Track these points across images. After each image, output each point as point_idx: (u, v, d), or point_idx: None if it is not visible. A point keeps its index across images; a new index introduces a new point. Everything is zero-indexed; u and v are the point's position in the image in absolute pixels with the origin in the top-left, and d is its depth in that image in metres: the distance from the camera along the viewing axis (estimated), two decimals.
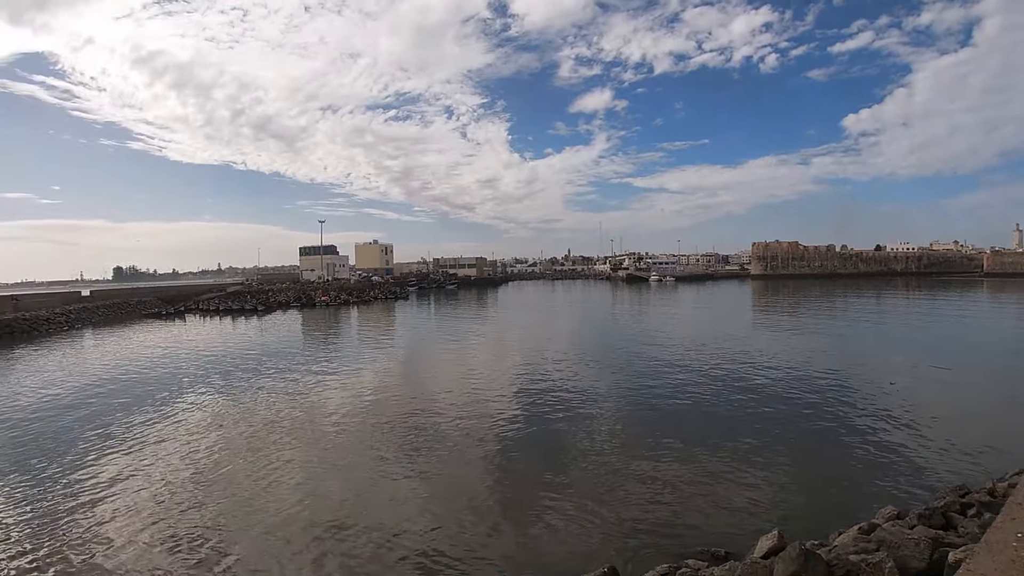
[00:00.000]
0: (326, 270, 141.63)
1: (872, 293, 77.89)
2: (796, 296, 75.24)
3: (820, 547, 8.61)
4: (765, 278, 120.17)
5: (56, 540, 13.63)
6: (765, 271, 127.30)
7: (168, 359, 42.27)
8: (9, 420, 25.36)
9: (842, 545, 8.61)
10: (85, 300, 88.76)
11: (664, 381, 27.08)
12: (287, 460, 18.67)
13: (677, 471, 15.79)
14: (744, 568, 8.05)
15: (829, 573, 7.34)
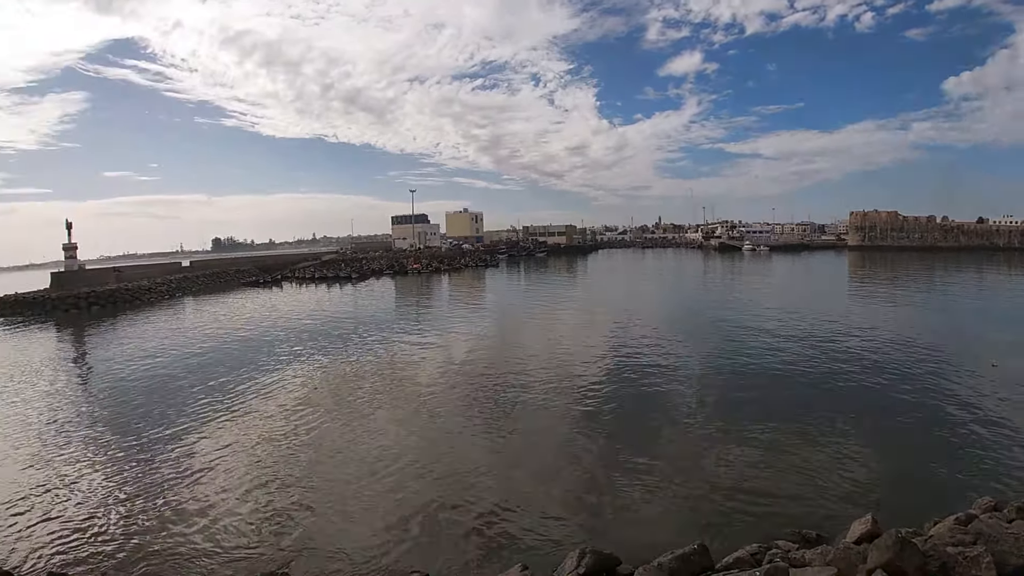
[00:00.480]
0: (418, 238, 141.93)
1: (973, 268, 72.34)
2: (895, 269, 71.03)
3: (915, 536, 8.12)
4: (862, 249, 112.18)
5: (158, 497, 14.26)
6: (862, 242, 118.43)
7: (266, 325, 43.27)
8: (113, 384, 26.56)
9: (938, 535, 8.20)
10: (185, 270, 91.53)
11: (757, 353, 26.10)
12: (377, 422, 19.12)
13: (767, 446, 15.21)
14: (837, 553, 7.68)
15: (924, 564, 7.01)
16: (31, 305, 59.09)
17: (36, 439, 18.90)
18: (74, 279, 66.67)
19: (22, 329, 48.69)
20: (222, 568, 11.11)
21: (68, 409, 22.50)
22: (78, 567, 11.21)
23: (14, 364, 32.35)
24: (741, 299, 47.39)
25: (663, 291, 59.54)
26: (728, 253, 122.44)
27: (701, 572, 8.44)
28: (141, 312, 57.38)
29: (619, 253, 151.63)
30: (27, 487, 15.01)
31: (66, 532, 12.63)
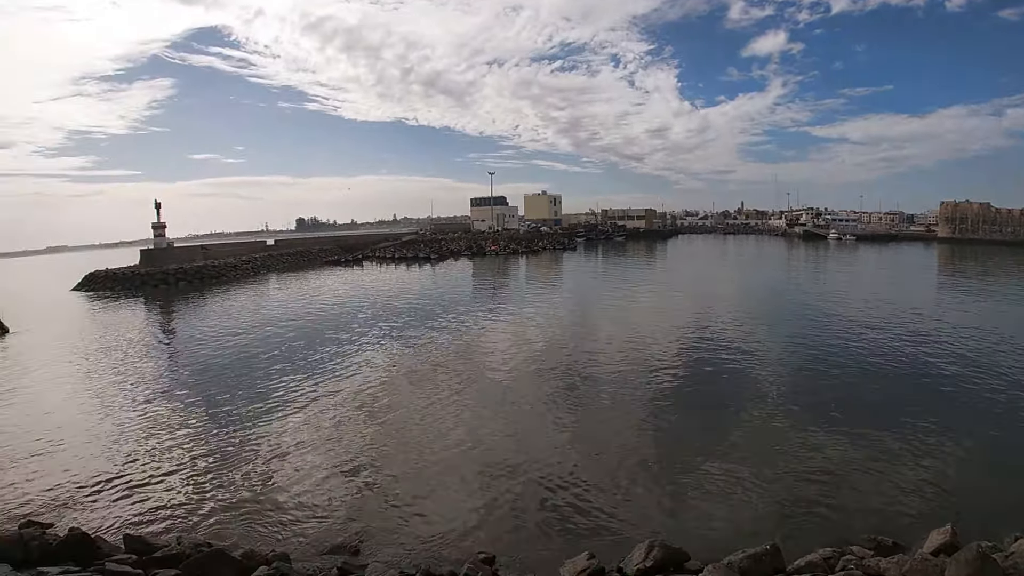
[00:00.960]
0: (496, 220, 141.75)
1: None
2: (987, 264, 65.66)
3: (995, 551, 7.73)
4: (952, 242, 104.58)
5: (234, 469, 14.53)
6: (953, 234, 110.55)
7: (347, 303, 44.07)
8: (198, 358, 27.42)
9: (1020, 553, 7.70)
10: (270, 249, 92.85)
11: (842, 346, 24.95)
12: (452, 402, 19.19)
13: (844, 446, 14.49)
14: (914, 564, 7.40)
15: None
16: (122, 280, 60.97)
17: (124, 409, 19.53)
18: (163, 256, 68.42)
19: (113, 303, 50.67)
20: (294, 538, 11.31)
21: (155, 381, 23.22)
22: (154, 527, 11.61)
23: (105, 337, 33.48)
24: (827, 289, 45.59)
25: (745, 279, 57.95)
26: (812, 241, 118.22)
27: (773, 574, 8.15)
28: (227, 288, 59.25)
29: (699, 239, 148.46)
30: (113, 455, 15.54)
31: (144, 498, 13.04)
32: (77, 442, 16.52)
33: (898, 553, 8.65)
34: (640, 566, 8.66)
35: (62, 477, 14.10)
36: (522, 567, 9.98)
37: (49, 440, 16.68)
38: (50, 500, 12.92)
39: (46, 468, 14.67)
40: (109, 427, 17.85)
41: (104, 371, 25.19)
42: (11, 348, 31.02)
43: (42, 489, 13.46)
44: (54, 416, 18.89)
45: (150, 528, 11.58)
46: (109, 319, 41.66)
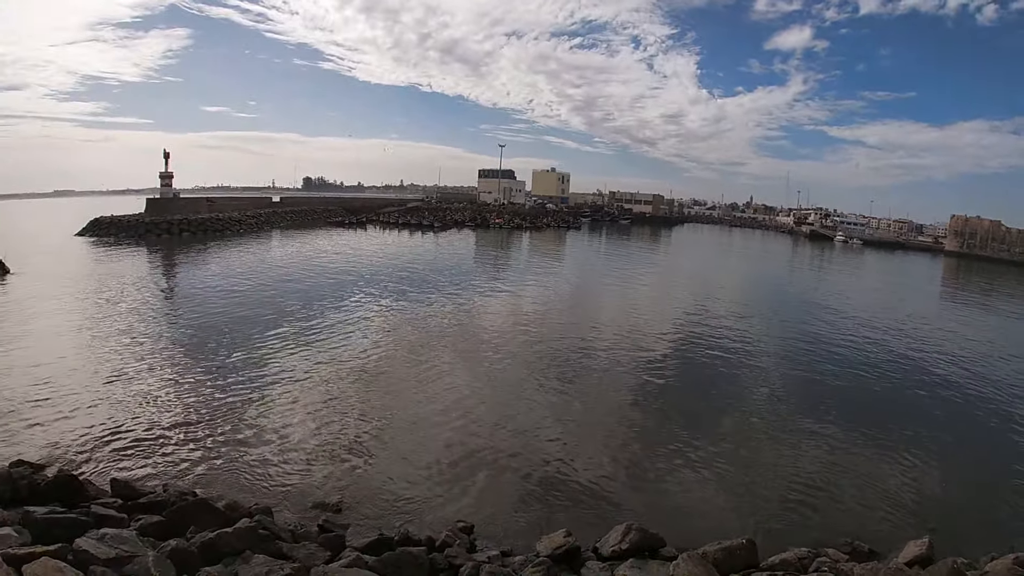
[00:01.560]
0: (503, 193, 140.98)
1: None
2: (993, 281, 65.30)
3: (970, 568, 7.83)
4: (960, 256, 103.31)
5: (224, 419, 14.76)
6: (960, 248, 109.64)
7: (347, 264, 44.46)
8: (196, 307, 27.72)
9: (993, 572, 7.75)
10: (275, 205, 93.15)
11: (838, 350, 25.08)
12: (443, 370, 19.46)
13: (830, 448, 14.64)
14: (886, 572, 7.39)
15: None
16: (126, 228, 61.04)
17: (119, 358, 19.59)
18: (168, 206, 68.43)
19: (116, 250, 50.52)
20: (277, 490, 11.54)
21: (151, 331, 23.30)
22: (141, 474, 11.76)
23: (105, 283, 33.50)
24: (827, 295, 45.18)
25: (748, 273, 57.95)
26: (819, 242, 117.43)
27: (745, 568, 8.10)
28: (230, 241, 59.52)
29: (705, 229, 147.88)
30: (104, 402, 15.64)
31: (133, 442, 13.22)
32: (70, 387, 16.57)
33: (873, 560, 8.71)
34: (616, 548, 8.71)
35: (54, 421, 14.22)
36: (500, 538, 10.12)
37: (43, 384, 16.71)
38: (41, 442, 13.03)
39: (38, 412, 14.75)
40: (103, 374, 17.92)
41: (101, 318, 25.20)
42: (11, 289, 30.87)
43: (33, 431, 13.58)
44: (49, 360, 18.93)
45: (137, 474, 11.69)
46: (111, 266, 41.62)
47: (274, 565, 7.03)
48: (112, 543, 7.03)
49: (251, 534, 8.00)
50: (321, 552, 8.35)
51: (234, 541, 7.75)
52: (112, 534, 7.30)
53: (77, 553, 6.62)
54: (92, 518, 8.09)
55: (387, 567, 7.73)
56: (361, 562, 7.80)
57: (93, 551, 6.70)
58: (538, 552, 8.99)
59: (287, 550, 8.12)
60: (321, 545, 8.63)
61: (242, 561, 7.26)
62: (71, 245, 52.65)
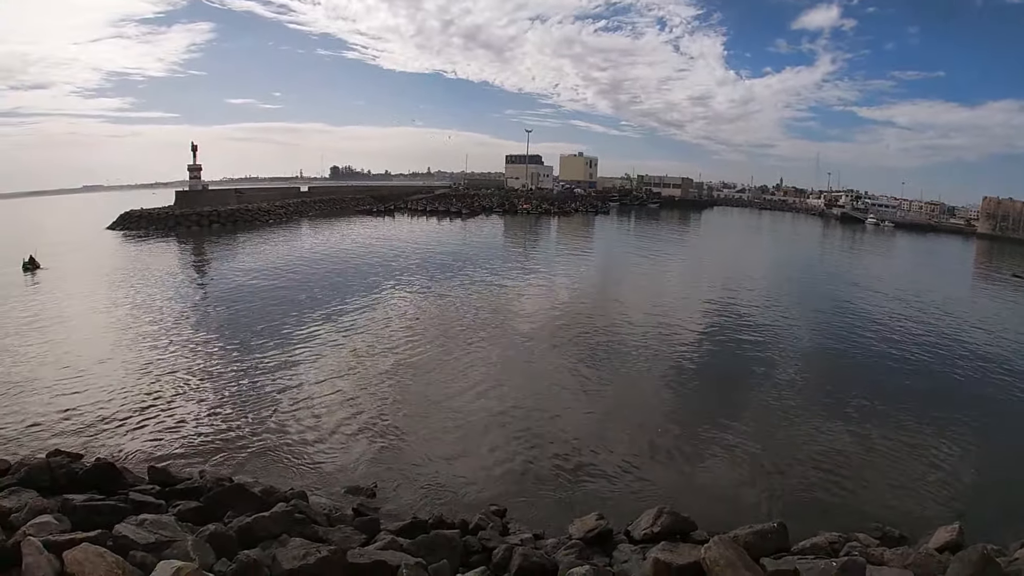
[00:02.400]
0: (530, 179, 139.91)
1: None
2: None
3: (1000, 555, 7.61)
4: (992, 239, 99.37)
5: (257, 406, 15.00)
6: (993, 231, 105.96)
7: (377, 252, 44.63)
8: (227, 297, 28.07)
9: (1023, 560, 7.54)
10: (303, 195, 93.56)
11: (869, 334, 24.53)
12: (475, 356, 19.53)
13: (864, 433, 14.39)
14: (917, 557, 7.39)
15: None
16: (156, 220, 61.92)
17: (153, 347, 20.03)
18: (197, 198, 69.22)
19: (147, 242, 51.51)
20: (312, 475, 11.74)
21: (184, 320, 23.74)
22: (178, 461, 11.97)
23: (137, 275, 34.16)
24: (861, 275, 44.54)
25: (778, 256, 57.11)
26: (850, 224, 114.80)
27: (776, 551, 8.00)
28: (259, 232, 60.02)
29: (735, 212, 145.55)
30: (140, 390, 15.97)
31: (169, 430, 13.50)
32: (105, 377, 16.94)
33: (903, 546, 8.64)
34: (647, 531, 8.71)
35: (89, 410, 14.49)
36: (532, 521, 10.19)
37: (78, 374, 17.10)
38: (77, 431, 13.33)
39: (74, 401, 15.05)
40: (137, 364, 18.25)
41: (134, 309, 25.66)
42: (43, 285, 31.41)
43: (70, 421, 13.89)
44: (83, 352, 19.32)
45: (173, 461, 11.89)
46: (142, 258, 42.34)
47: (311, 548, 7.04)
48: (151, 528, 7.15)
49: (287, 518, 8.11)
50: (356, 535, 8.45)
51: (271, 525, 7.85)
52: (151, 520, 7.43)
53: (117, 538, 6.71)
54: (130, 504, 8.25)
55: (421, 549, 7.77)
56: (396, 545, 7.86)
57: (132, 536, 6.81)
58: (570, 535, 9.03)
59: (323, 533, 8.23)
60: (356, 528, 8.75)
61: (279, 544, 7.33)
62: (102, 239, 53.67)
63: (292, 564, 6.68)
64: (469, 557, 8.25)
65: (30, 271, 34.94)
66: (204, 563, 6.40)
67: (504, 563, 7.72)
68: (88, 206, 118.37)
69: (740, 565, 6.75)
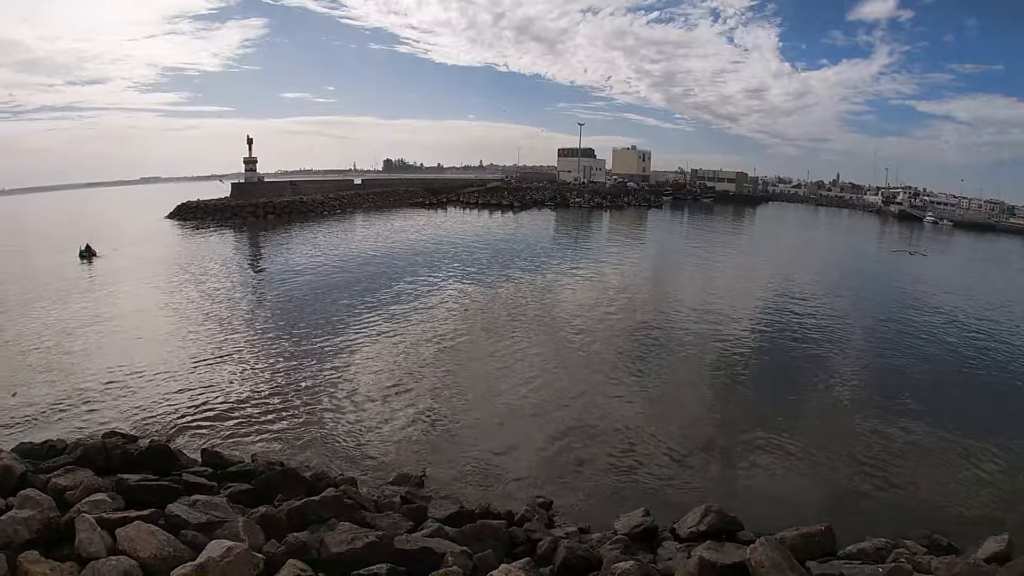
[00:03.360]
0: (582, 172, 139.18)
1: None
2: None
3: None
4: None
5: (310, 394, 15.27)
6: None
7: (429, 243, 45.07)
8: (281, 287, 28.50)
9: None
10: (357, 187, 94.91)
11: (924, 338, 23.51)
12: (524, 348, 19.58)
13: (913, 438, 14.00)
14: (964, 567, 6.98)
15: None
16: (213, 211, 63.47)
17: (207, 333, 20.54)
18: (253, 190, 70.56)
19: (203, 232, 52.58)
20: (362, 462, 11.94)
21: (238, 308, 24.31)
22: (229, 444, 12.26)
23: (193, 262, 35.22)
24: (919, 278, 42.31)
25: (833, 258, 54.36)
26: (907, 222, 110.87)
27: (823, 555, 7.88)
28: (314, 223, 60.66)
29: (791, 208, 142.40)
30: (194, 375, 16.45)
31: (222, 414, 13.84)
32: (160, 361, 17.38)
33: (951, 555, 8.41)
34: (693, 529, 8.63)
35: (144, 393, 14.93)
36: (578, 515, 10.21)
37: (134, 358, 17.57)
38: (132, 414, 13.75)
39: (129, 384, 15.52)
40: (192, 348, 18.75)
41: (188, 295, 26.39)
42: (98, 271, 32.63)
43: (125, 403, 14.31)
44: (139, 336, 19.98)
45: (226, 445, 12.19)
46: (198, 247, 43.57)
47: (359, 532, 7.13)
48: (203, 509, 7.36)
49: (336, 503, 8.26)
50: (404, 522, 8.57)
51: (320, 509, 8.01)
52: (203, 500, 7.65)
53: (169, 518, 6.90)
54: (183, 485, 8.43)
55: (467, 538, 7.82)
56: (442, 533, 7.93)
57: (184, 516, 6.99)
58: (616, 530, 9.00)
59: (371, 519, 8.35)
60: (404, 515, 8.86)
61: (327, 528, 7.46)
62: (160, 228, 55.41)
63: (340, 548, 6.75)
64: (514, 548, 8.29)
65: (86, 259, 36.02)
66: (254, 544, 6.51)
67: (549, 555, 7.74)
68: (146, 197, 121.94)
69: (786, 567, 6.66)
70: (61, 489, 7.61)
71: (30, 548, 5.88)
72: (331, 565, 6.54)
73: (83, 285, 28.88)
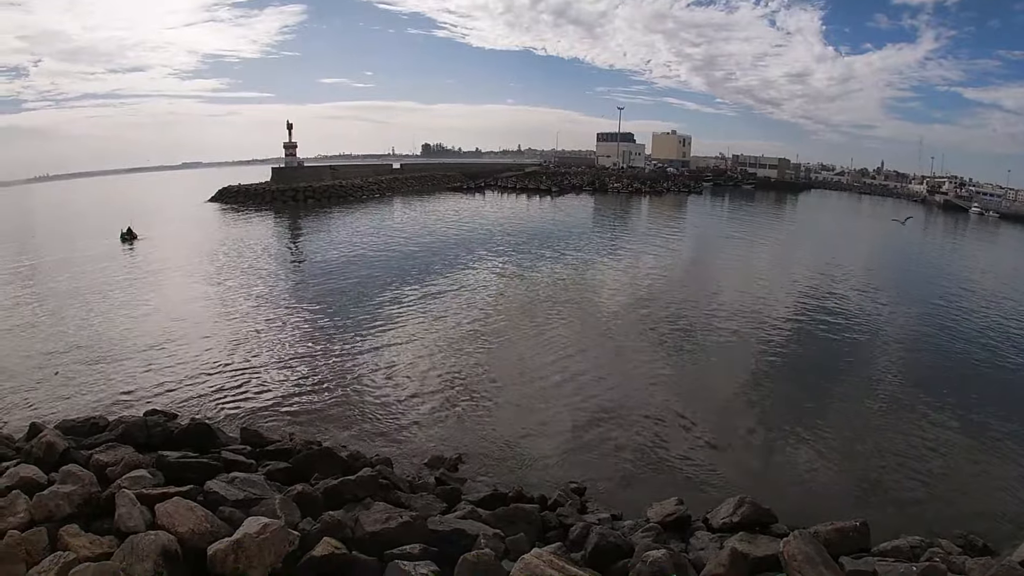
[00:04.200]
0: (621, 157, 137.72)
1: None
2: None
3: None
4: None
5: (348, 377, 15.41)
6: None
7: (467, 229, 44.89)
8: (321, 269, 28.91)
9: None
10: (395, 172, 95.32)
11: (967, 335, 22.61)
12: (559, 335, 19.50)
13: (950, 437, 13.60)
14: (999, 569, 6.82)
15: None
16: (254, 195, 64.43)
17: (246, 314, 20.91)
18: (293, 174, 71.44)
19: (243, 215, 53.30)
20: (398, 444, 12.10)
21: (277, 289, 24.71)
22: (268, 423, 12.49)
23: (233, 244, 35.99)
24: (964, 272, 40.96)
25: (875, 249, 52.55)
26: (952, 213, 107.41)
27: (857, 551, 7.82)
28: (353, 207, 61.48)
29: (833, 196, 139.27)
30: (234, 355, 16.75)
31: (261, 394, 14.09)
32: (200, 341, 17.78)
33: (987, 556, 8.28)
34: (727, 520, 8.57)
35: (185, 373, 15.23)
36: (610, 502, 10.22)
37: (174, 338, 18.00)
38: (173, 392, 14.05)
39: (170, 363, 15.88)
40: (232, 329, 19.10)
41: (228, 277, 26.95)
42: (138, 253, 33.51)
43: (166, 382, 14.62)
44: (179, 316, 20.41)
45: (265, 424, 12.41)
46: (238, 230, 44.46)
47: (393, 512, 7.25)
48: (241, 486, 7.51)
49: (372, 483, 8.40)
50: (438, 503, 8.73)
51: (356, 488, 8.18)
52: (241, 478, 7.80)
53: (207, 494, 7.06)
54: (222, 463, 8.62)
55: (500, 521, 7.94)
56: (475, 515, 8.05)
57: (223, 492, 7.16)
58: (648, 518, 8.98)
59: (405, 500, 8.51)
60: (438, 496, 9.02)
61: (363, 507, 7.59)
62: (202, 211, 56.57)
63: (374, 527, 6.88)
64: (546, 532, 8.36)
65: (128, 241, 36.84)
66: (290, 521, 6.65)
67: (580, 540, 7.72)
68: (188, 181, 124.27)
69: (819, 561, 6.58)
70: (102, 465, 7.80)
71: (71, 522, 6.05)
72: (365, 544, 6.62)
73: (124, 267, 29.54)
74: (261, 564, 5.56)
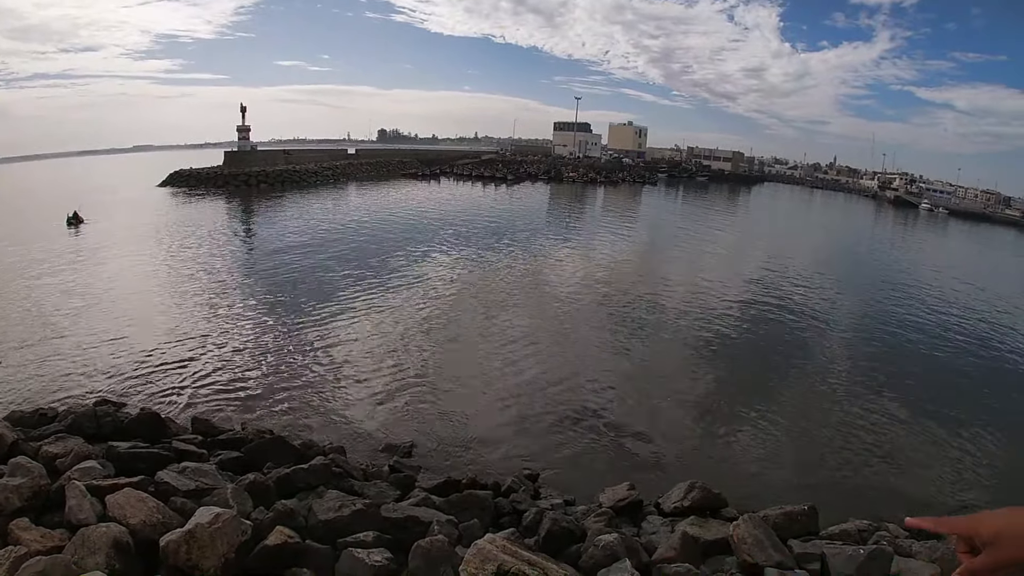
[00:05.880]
0: (578, 147, 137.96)
1: None
2: None
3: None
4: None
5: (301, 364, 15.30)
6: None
7: (421, 216, 44.87)
8: (271, 255, 28.54)
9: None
10: (350, 158, 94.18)
11: (912, 324, 23.42)
12: (511, 321, 19.61)
13: (898, 422, 13.96)
14: (945, 552, 7.16)
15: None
16: (205, 180, 63.35)
17: (195, 301, 20.53)
18: (246, 158, 70.33)
19: (194, 199, 52.58)
20: (351, 432, 12.02)
21: (227, 276, 24.28)
22: (219, 413, 12.33)
23: (183, 229, 35.32)
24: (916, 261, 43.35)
25: (826, 240, 54.10)
26: (902, 208, 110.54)
27: (805, 534, 8.05)
28: (306, 193, 60.69)
29: (786, 190, 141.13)
30: (182, 344, 16.41)
31: (211, 385, 13.80)
32: (149, 329, 17.40)
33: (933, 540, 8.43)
34: (678, 504, 8.73)
35: (134, 361, 14.92)
36: (563, 487, 10.27)
37: (121, 325, 17.65)
38: (122, 381, 13.77)
39: (118, 352, 15.54)
40: (180, 316, 18.79)
41: (176, 263, 26.44)
42: (83, 239, 32.69)
43: (115, 372, 14.29)
44: (125, 303, 20.03)
45: (216, 413, 12.26)
46: (189, 214, 43.61)
47: (346, 500, 7.30)
48: (192, 476, 7.42)
49: (325, 471, 8.38)
50: (391, 491, 8.71)
51: (309, 477, 8.14)
52: (192, 468, 7.70)
53: (158, 484, 6.98)
54: (173, 453, 8.52)
55: (454, 508, 7.97)
56: (429, 502, 8.09)
57: (174, 483, 7.07)
58: (601, 503, 9.09)
59: (359, 487, 8.47)
60: (391, 484, 9.00)
61: (316, 496, 7.56)
62: (151, 196, 55.21)
63: (327, 515, 6.90)
64: (500, 518, 8.39)
65: (73, 226, 35.86)
66: (242, 511, 6.59)
67: (534, 526, 7.80)
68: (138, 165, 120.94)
69: (768, 545, 6.75)
70: (52, 456, 7.65)
71: (21, 515, 5.93)
72: (319, 532, 6.65)
73: (69, 252, 28.68)
74: (214, 554, 5.49)
